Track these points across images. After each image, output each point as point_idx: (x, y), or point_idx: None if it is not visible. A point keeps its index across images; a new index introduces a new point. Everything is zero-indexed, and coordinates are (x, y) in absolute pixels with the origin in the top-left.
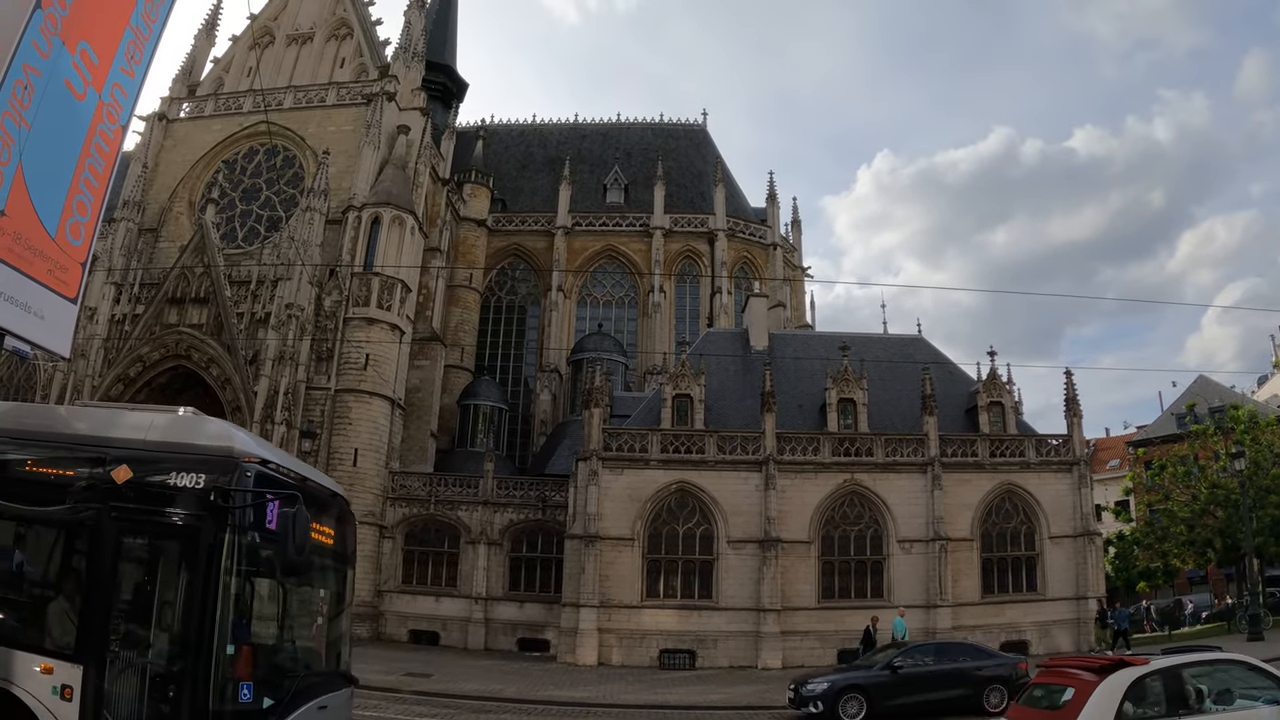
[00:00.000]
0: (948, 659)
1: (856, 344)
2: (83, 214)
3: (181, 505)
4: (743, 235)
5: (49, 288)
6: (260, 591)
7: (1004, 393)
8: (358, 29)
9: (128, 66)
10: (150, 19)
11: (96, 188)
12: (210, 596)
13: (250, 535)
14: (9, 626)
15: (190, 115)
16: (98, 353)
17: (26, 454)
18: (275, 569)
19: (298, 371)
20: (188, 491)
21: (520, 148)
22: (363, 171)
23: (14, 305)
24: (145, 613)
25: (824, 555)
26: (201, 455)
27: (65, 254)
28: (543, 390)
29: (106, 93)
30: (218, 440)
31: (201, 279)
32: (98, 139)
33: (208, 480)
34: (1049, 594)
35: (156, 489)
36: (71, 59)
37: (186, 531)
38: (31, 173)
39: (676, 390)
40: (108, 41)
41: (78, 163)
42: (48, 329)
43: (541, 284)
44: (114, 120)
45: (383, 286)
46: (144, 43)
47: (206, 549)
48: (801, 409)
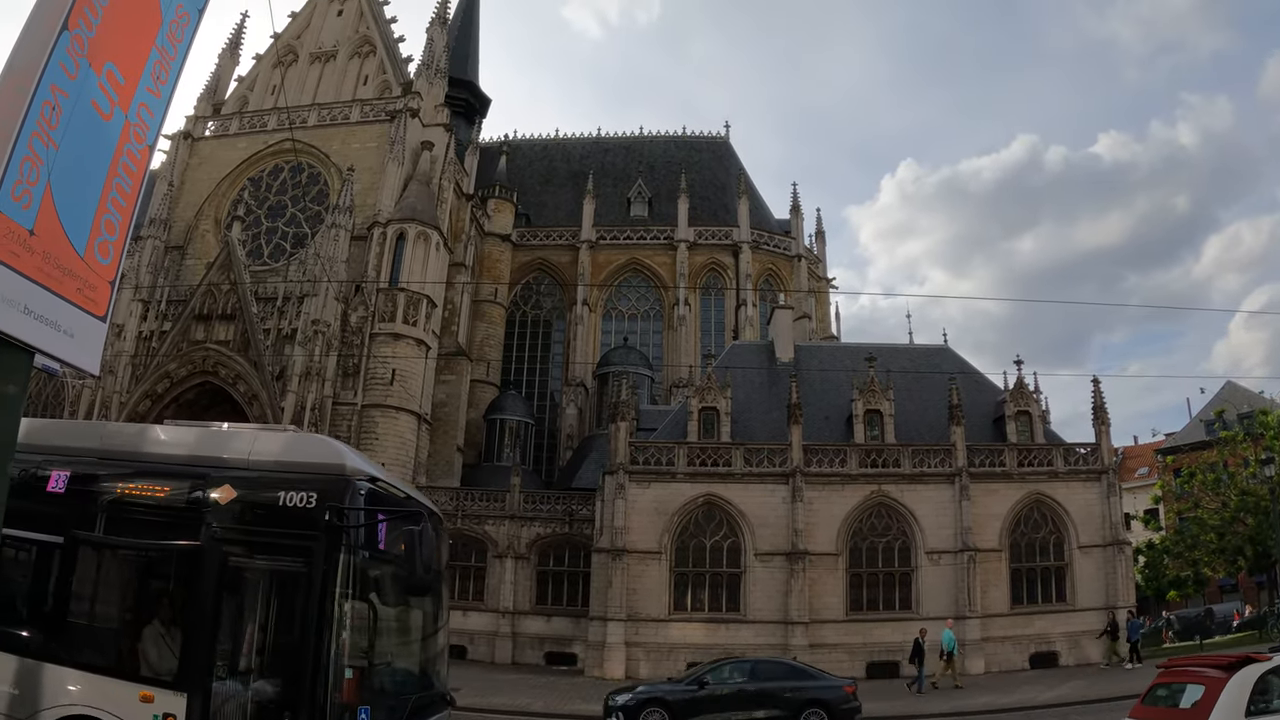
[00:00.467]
0: (763, 679)
1: (882, 355)
2: (111, 233)
3: (292, 526)
4: (767, 247)
5: (78, 306)
6: (372, 613)
7: (1031, 402)
8: (380, 46)
9: (154, 87)
10: (176, 40)
11: (124, 207)
12: (324, 619)
13: (363, 555)
14: (105, 654)
15: (215, 134)
16: (125, 369)
17: (118, 476)
18: (387, 589)
19: (324, 387)
20: (299, 511)
21: (543, 162)
22: (387, 188)
23: (44, 324)
24: (253, 637)
25: (852, 567)
26: (311, 474)
27: (94, 272)
28: (569, 404)
29: (133, 113)
30: (328, 458)
31: (228, 296)
32: (125, 159)
33: (320, 499)
34: (1079, 604)
35: (264, 509)
36: (98, 80)
37: (298, 552)
38: (60, 193)
39: (703, 403)
40: (133, 62)
41: (105, 182)
42: (77, 347)
43: (566, 298)
44: (140, 140)
45: (408, 302)
46: (169, 63)
47: (320, 570)
48: (828, 420)
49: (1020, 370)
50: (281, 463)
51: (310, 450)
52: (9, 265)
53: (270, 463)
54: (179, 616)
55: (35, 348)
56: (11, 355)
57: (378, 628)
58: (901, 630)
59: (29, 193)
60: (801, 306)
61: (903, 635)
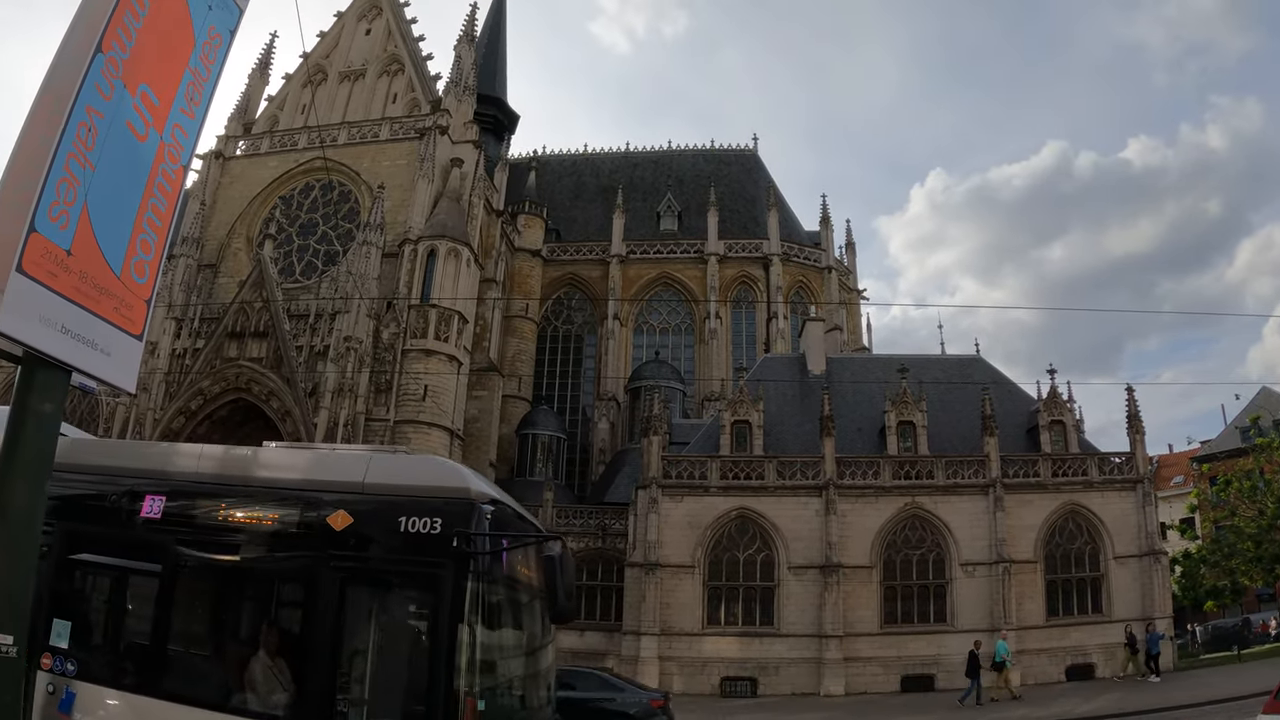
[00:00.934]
0: (567, 689)
1: (914, 366)
2: (147, 252)
3: (415, 553)
4: (797, 259)
5: (115, 325)
6: (498, 640)
7: (1065, 411)
8: (409, 64)
9: (187, 108)
10: (209, 60)
11: (160, 226)
12: (452, 650)
13: (490, 582)
14: (207, 687)
15: (246, 153)
16: (159, 386)
17: (221, 501)
18: (509, 615)
19: (357, 403)
20: (422, 538)
21: (572, 177)
22: (417, 205)
23: (81, 342)
24: (372, 670)
25: (886, 580)
26: (432, 497)
27: (130, 291)
28: (600, 419)
29: (167, 134)
30: (451, 480)
31: (260, 313)
32: (160, 179)
33: (445, 525)
34: (1115, 615)
35: (383, 536)
36: (133, 101)
37: (422, 581)
38: (96, 213)
39: (735, 416)
40: (167, 83)
41: (141, 203)
42: (114, 365)
43: (597, 313)
44: (175, 160)
45: (440, 318)
46: (202, 84)
47: (448, 599)
48: (861, 432)
49: (1053, 379)
50: (400, 486)
51: (430, 473)
52: (46, 285)
53: (388, 486)
54: (292, 648)
55: (73, 366)
56: (49, 374)
57: (504, 657)
58: (936, 643)
59: (66, 213)
60: (832, 318)
61: (937, 648)
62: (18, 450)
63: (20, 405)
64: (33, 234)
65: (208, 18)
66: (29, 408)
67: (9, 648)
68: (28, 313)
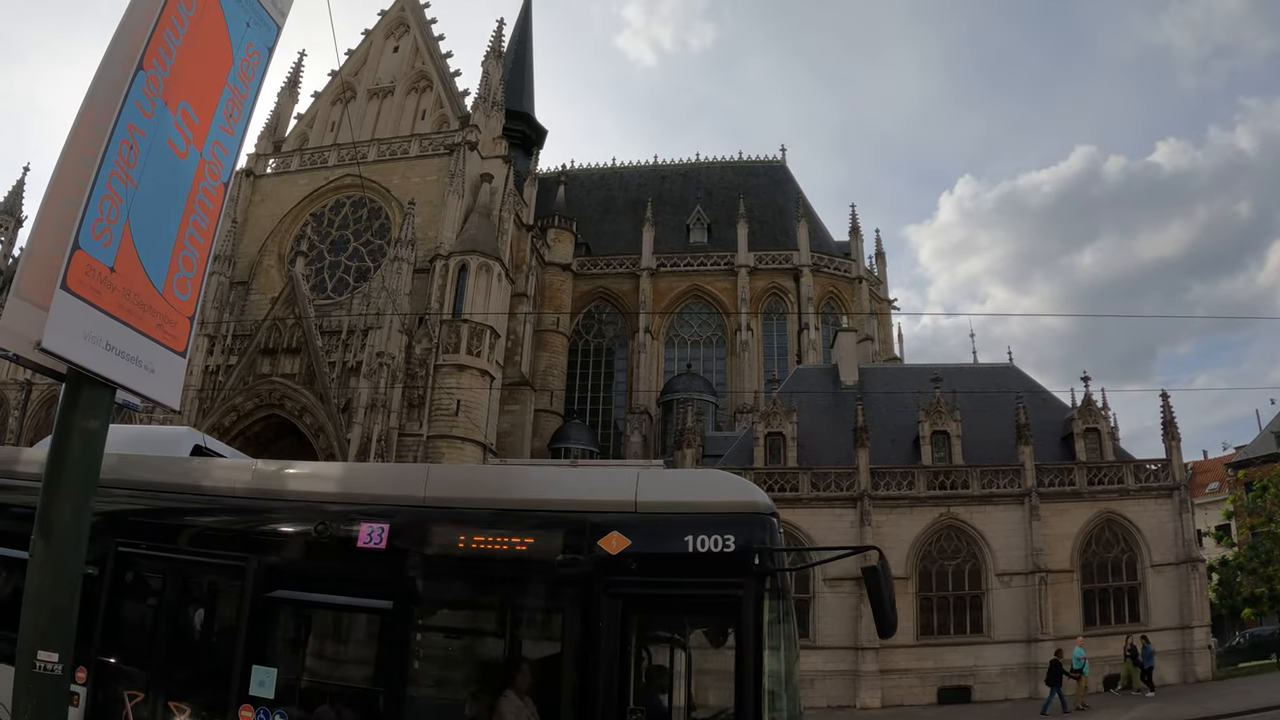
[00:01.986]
0: None
1: (947, 375)
2: (189, 269)
3: (707, 574)
4: (827, 270)
5: (158, 341)
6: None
7: (1100, 418)
8: (437, 81)
9: (227, 125)
10: (247, 78)
11: (201, 243)
12: (758, 676)
13: (787, 599)
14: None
15: (277, 171)
16: (192, 403)
17: (459, 528)
18: (794, 635)
19: (390, 419)
20: (714, 557)
21: (601, 191)
22: (448, 220)
23: (124, 359)
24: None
25: (922, 591)
26: (721, 512)
27: (173, 308)
28: (633, 432)
29: (208, 151)
30: (739, 494)
31: (293, 329)
32: (201, 196)
33: (739, 541)
34: (1153, 624)
35: (667, 558)
36: (173, 118)
37: (717, 604)
38: (139, 230)
39: (768, 428)
40: (207, 101)
41: (183, 219)
42: (158, 382)
43: (628, 326)
44: (216, 177)
45: (472, 333)
46: (241, 101)
47: (748, 622)
48: (894, 443)
49: (1088, 387)
50: (682, 503)
51: (713, 487)
52: (91, 302)
53: (667, 503)
54: (552, 685)
55: (117, 383)
56: (94, 391)
57: (789, 680)
58: (973, 654)
59: (109, 230)
60: (864, 328)
61: (974, 660)
62: (63, 468)
63: (65, 422)
64: (77, 251)
65: (246, 35)
66: (74, 425)
67: (54, 665)
68: (73, 330)
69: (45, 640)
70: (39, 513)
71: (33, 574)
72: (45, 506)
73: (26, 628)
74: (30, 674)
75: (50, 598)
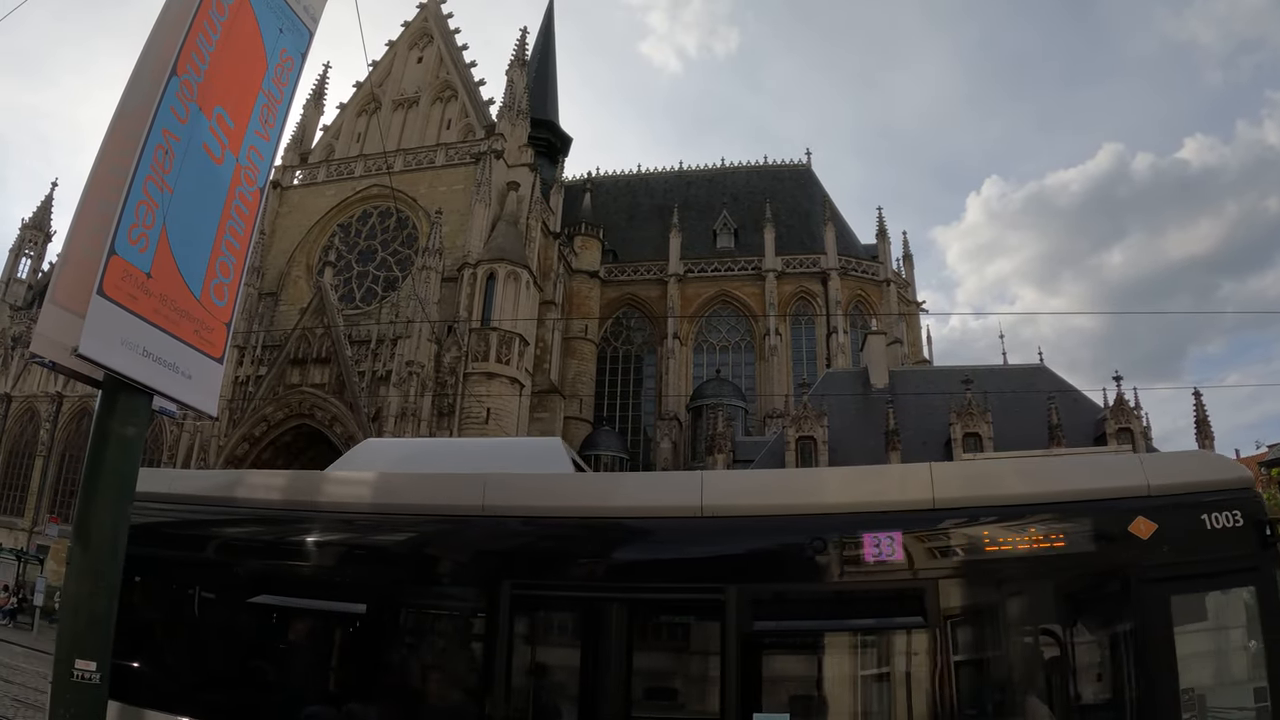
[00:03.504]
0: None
1: (978, 376)
2: (225, 275)
3: (1224, 551)
4: (855, 273)
5: (195, 347)
6: None
7: (1133, 418)
8: (461, 91)
9: (262, 130)
10: (281, 83)
11: (238, 249)
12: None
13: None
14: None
15: (303, 182)
16: (223, 413)
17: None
18: None
19: (420, 427)
20: (1227, 533)
21: (627, 198)
22: (475, 229)
23: (162, 365)
24: None
25: None
26: (1224, 489)
27: (210, 314)
28: (663, 438)
29: (243, 156)
30: (1230, 470)
31: (322, 339)
32: (237, 201)
33: (1245, 514)
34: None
35: (1190, 538)
36: (209, 124)
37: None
38: (175, 236)
39: (799, 432)
40: (242, 106)
41: (219, 225)
42: (195, 388)
43: (656, 332)
44: (252, 183)
45: (500, 341)
46: (276, 106)
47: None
48: (925, 445)
49: (1120, 386)
50: (1190, 484)
51: (1210, 466)
52: (127, 308)
53: (1178, 485)
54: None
55: (154, 389)
56: (131, 397)
57: None
58: None
59: (145, 236)
60: (892, 331)
61: None
62: (100, 475)
63: (102, 429)
64: (113, 257)
65: (279, 40)
66: (111, 432)
67: (92, 674)
68: (109, 336)
69: (82, 648)
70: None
71: (70, 581)
72: (83, 514)
73: (63, 635)
74: (67, 682)
75: (88, 605)
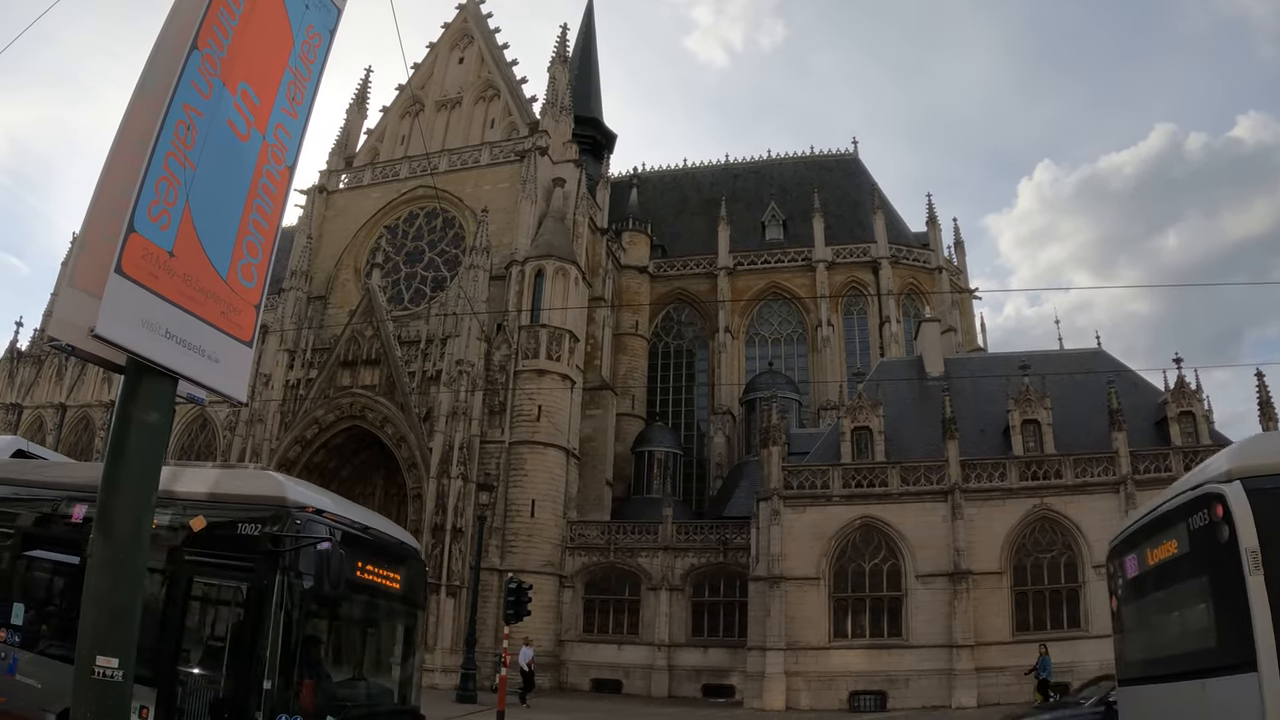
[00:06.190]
0: None
1: (1034, 362)
2: (253, 255)
3: None
4: (906, 261)
5: (222, 330)
6: None
7: (1195, 401)
8: (504, 89)
9: (289, 108)
10: (309, 60)
11: (266, 229)
12: None
13: None
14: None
15: (349, 186)
16: (274, 417)
17: None
18: None
19: (471, 426)
20: None
21: (674, 192)
22: (522, 226)
23: (186, 348)
24: None
25: (1016, 585)
26: None
27: (238, 296)
28: (716, 433)
29: (270, 134)
30: None
31: (371, 341)
32: (264, 180)
33: None
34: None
35: None
36: (233, 99)
37: None
38: (199, 214)
39: (855, 423)
40: (267, 83)
41: (245, 204)
42: (223, 372)
43: (708, 326)
44: (280, 161)
45: (551, 338)
46: (304, 84)
47: None
48: (983, 434)
49: (1180, 369)
50: None
51: None
52: (148, 287)
53: None
54: None
55: (179, 373)
56: (153, 382)
57: None
58: (1071, 650)
59: (167, 213)
60: (946, 319)
61: (1073, 655)
62: (122, 463)
63: (124, 416)
64: (132, 234)
65: (305, 16)
66: (133, 418)
67: (114, 671)
68: (129, 316)
69: (105, 645)
70: (98, 511)
71: (92, 574)
72: (104, 504)
73: (85, 631)
74: (89, 680)
75: (110, 599)
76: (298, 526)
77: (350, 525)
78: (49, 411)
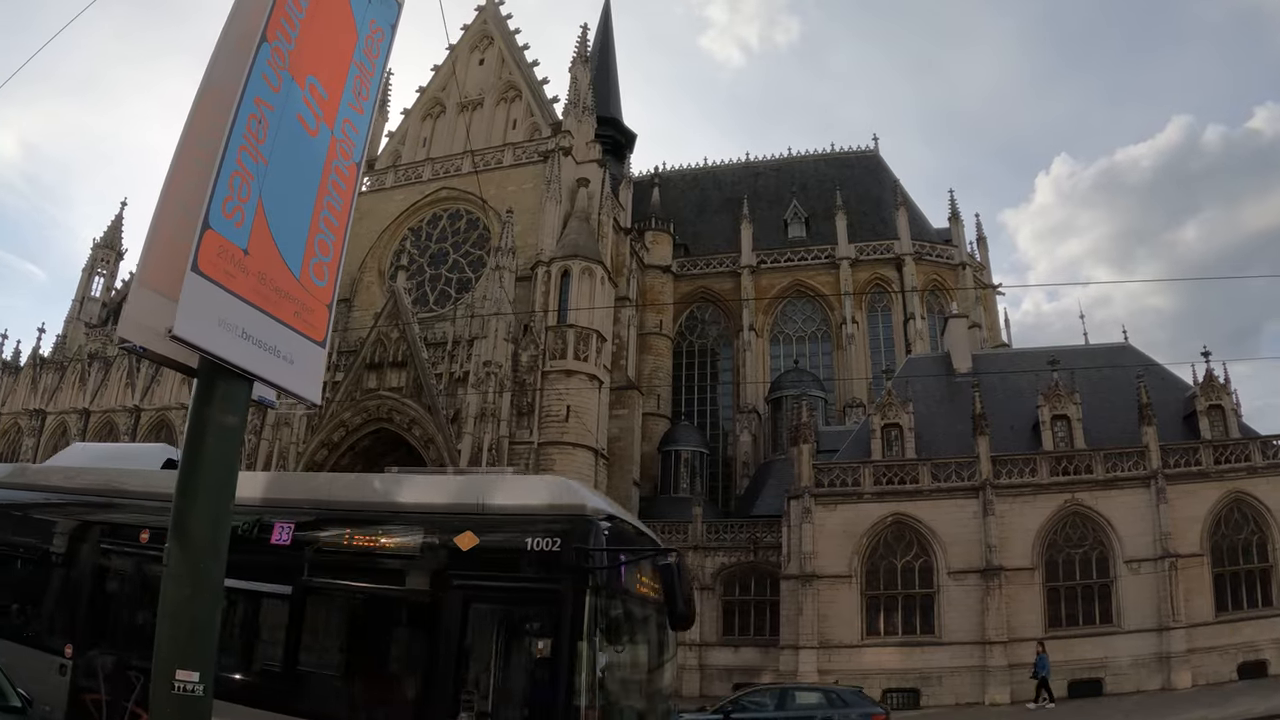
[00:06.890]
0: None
1: (1062, 357)
2: (325, 254)
3: None
4: (929, 257)
5: (296, 330)
6: None
7: (1223, 394)
8: (525, 90)
9: (355, 103)
10: (373, 55)
11: (337, 226)
12: None
13: None
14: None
15: (372, 188)
16: (300, 420)
17: None
18: None
19: (499, 427)
20: None
21: (696, 191)
22: (547, 227)
23: (261, 349)
24: None
25: (1048, 581)
26: None
27: (311, 295)
28: (742, 431)
29: (338, 129)
30: None
31: (397, 343)
32: (334, 176)
33: None
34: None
35: None
36: (302, 93)
37: None
38: (272, 210)
39: (884, 420)
40: (335, 77)
41: (316, 200)
42: (298, 374)
43: (732, 325)
44: (348, 157)
45: (578, 338)
46: (368, 79)
47: None
48: (1013, 429)
49: (1208, 362)
50: None
51: None
52: (224, 286)
53: None
54: None
55: (256, 375)
56: (230, 384)
57: None
58: (1103, 645)
59: (240, 210)
60: (971, 315)
61: (1104, 651)
62: (199, 469)
63: (199, 419)
64: (207, 231)
65: (368, 11)
66: (210, 421)
67: (194, 685)
68: (206, 316)
69: (184, 658)
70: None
71: (168, 585)
72: (180, 511)
73: (163, 644)
74: (168, 695)
75: (189, 610)
76: (605, 538)
77: (641, 531)
78: (121, 415)
